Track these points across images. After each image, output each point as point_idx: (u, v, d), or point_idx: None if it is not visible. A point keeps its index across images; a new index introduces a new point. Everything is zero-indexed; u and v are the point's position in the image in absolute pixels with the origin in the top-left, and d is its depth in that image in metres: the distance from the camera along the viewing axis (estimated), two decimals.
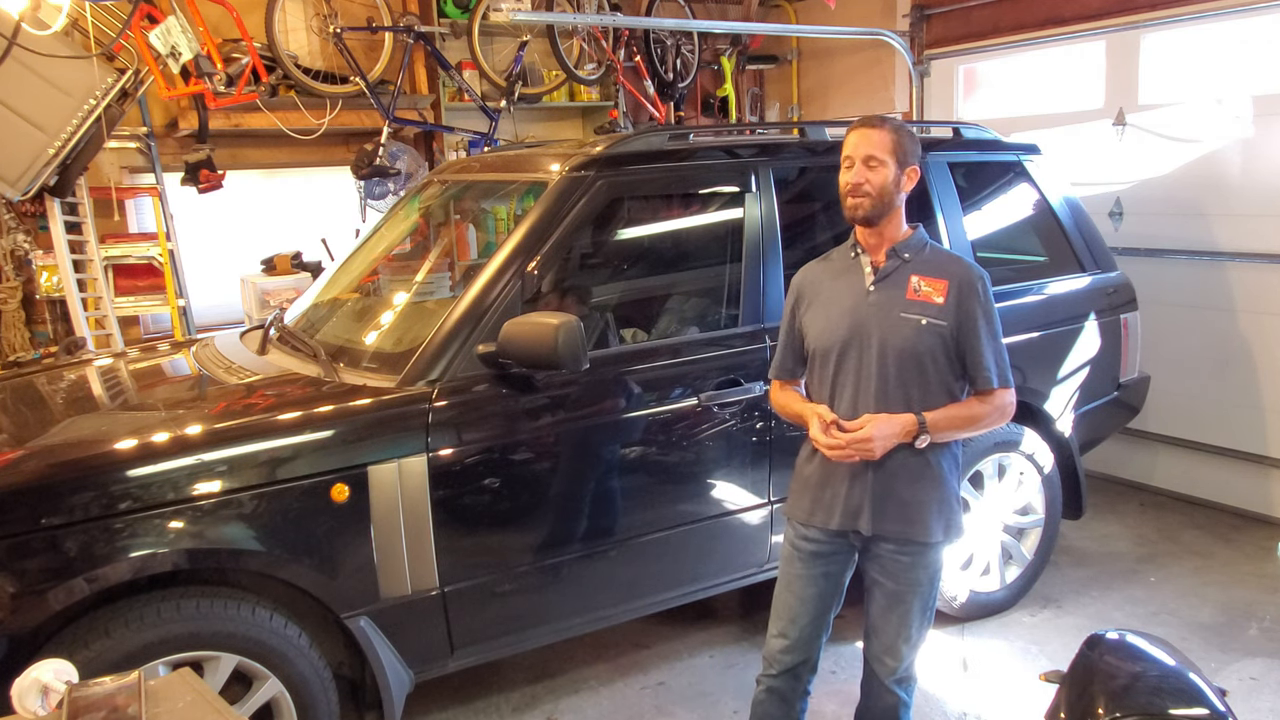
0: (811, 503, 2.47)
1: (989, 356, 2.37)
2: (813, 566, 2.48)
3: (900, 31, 5.95)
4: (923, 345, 2.34)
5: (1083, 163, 5.05)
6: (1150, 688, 1.87)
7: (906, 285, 2.38)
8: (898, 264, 2.40)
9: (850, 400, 2.39)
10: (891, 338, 2.35)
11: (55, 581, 2.26)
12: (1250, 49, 4.51)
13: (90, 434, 2.60)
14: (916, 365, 2.35)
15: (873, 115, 2.42)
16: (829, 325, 2.42)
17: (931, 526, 2.38)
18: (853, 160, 2.36)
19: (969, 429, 2.41)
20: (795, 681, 2.54)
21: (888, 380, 2.35)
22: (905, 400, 2.35)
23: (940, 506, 2.40)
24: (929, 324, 2.34)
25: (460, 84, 5.74)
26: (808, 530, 2.49)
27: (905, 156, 2.36)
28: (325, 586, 2.57)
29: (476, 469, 2.76)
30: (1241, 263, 4.60)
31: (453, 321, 2.81)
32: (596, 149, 3.11)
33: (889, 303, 2.37)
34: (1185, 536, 4.54)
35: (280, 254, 5.37)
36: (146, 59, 4.63)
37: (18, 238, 4.82)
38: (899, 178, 2.36)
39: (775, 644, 2.53)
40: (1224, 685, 2.25)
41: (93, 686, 1.54)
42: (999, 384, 2.38)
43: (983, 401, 2.40)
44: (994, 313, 2.40)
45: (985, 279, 2.41)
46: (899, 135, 2.35)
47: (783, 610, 2.53)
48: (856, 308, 2.40)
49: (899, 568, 2.42)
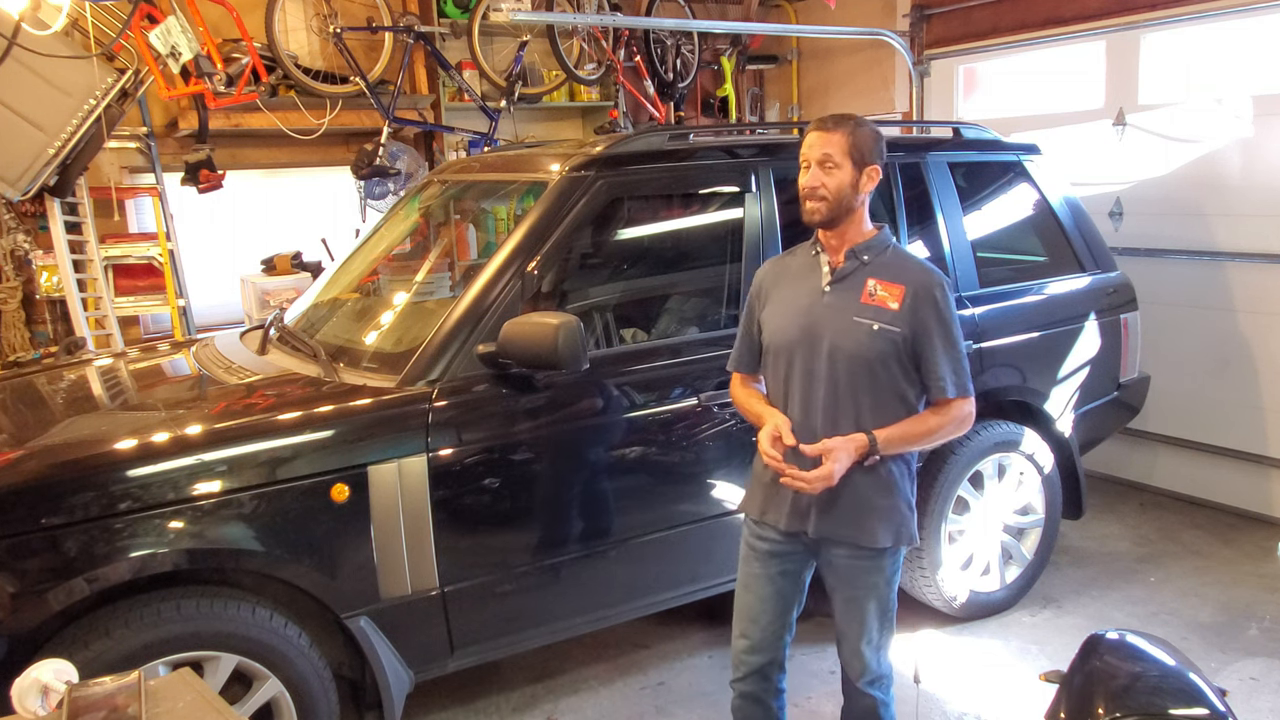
0: (764, 500, 2.44)
1: (945, 366, 2.32)
2: (769, 566, 2.47)
3: (900, 31, 5.95)
4: (873, 351, 2.29)
5: (1083, 163, 5.05)
6: (1150, 688, 1.87)
7: (862, 288, 2.32)
8: (856, 266, 2.35)
9: (800, 402, 2.36)
10: (842, 341, 2.30)
11: (55, 581, 2.26)
12: (1250, 49, 4.51)
13: (90, 434, 2.60)
14: (867, 371, 2.30)
15: (829, 115, 2.35)
16: (783, 324, 2.39)
17: (879, 533, 2.35)
18: (809, 162, 2.30)
19: (923, 443, 2.36)
20: (765, 682, 2.53)
21: (837, 384, 2.31)
22: (855, 405, 2.31)
23: (889, 513, 2.36)
24: (881, 329, 2.29)
25: (460, 84, 5.74)
26: (762, 529, 2.47)
27: (864, 157, 2.29)
28: (325, 586, 2.57)
29: (476, 469, 2.76)
30: (1241, 263, 4.60)
31: (453, 321, 2.81)
32: (596, 149, 3.11)
33: (843, 305, 2.33)
34: (1185, 536, 4.54)
35: (280, 254, 5.37)
36: (146, 59, 4.63)
37: (18, 238, 4.82)
38: (857, 179, 2.30)
39: (739, 645, 2.52)
40: (1224, 685, 2.25)
41: (93, 686, 1.54)
42: (956, 394, 2.33)
43: (938, 413, 2.35)
44: (952, 321, 2.34)
45: (945, 286, 2.35)
46: (855, 135, 2.29)
47: (743, 611, 2.52)
48: (811, 308, 2.36)
49: (852, 572, 2.40)
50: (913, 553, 3.55)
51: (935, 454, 3.51)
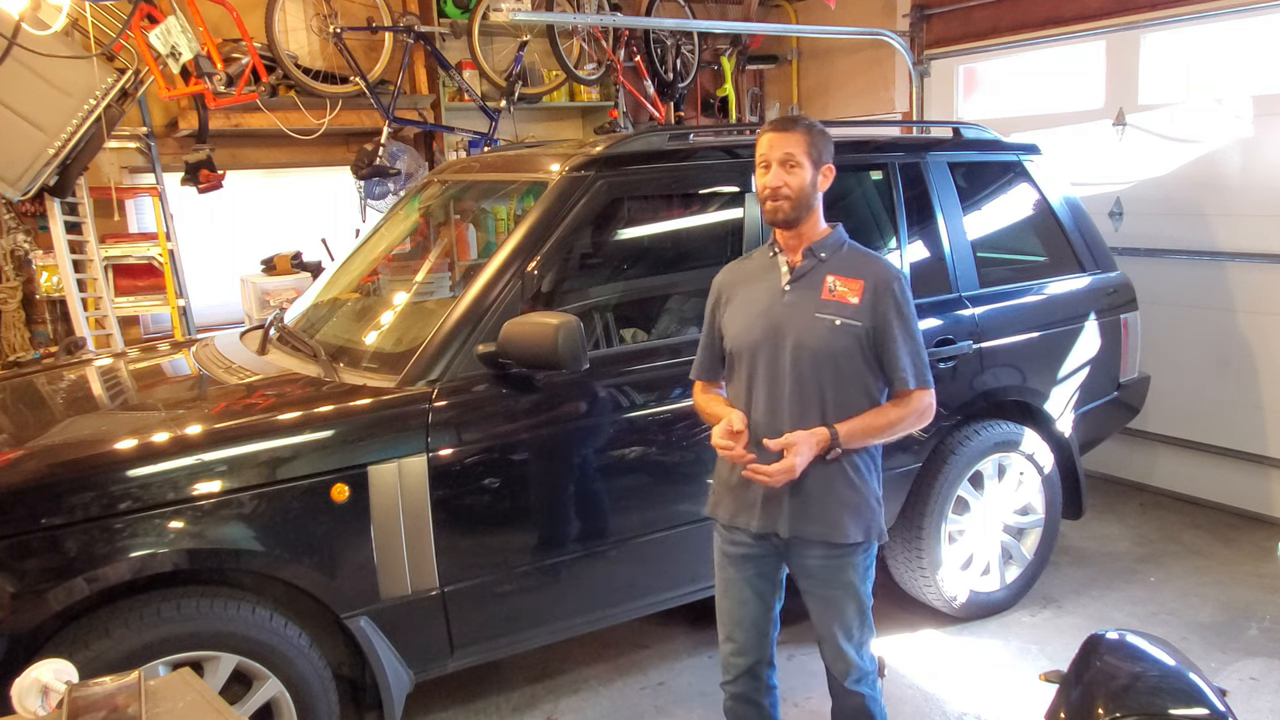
0: (734, 504, 2.46)
1: (905, 358, 2.35)
2: (744, 569, 2.48)
3: (900, 31, 5.95)
4: (837, 346, 2.32)
5: (1083, 163, 5.05)
6: (1150, 688, 1.87)
7: (822, 285, 2.36)
8: (814, 264, 2.38)
9: (766, 402, 2.37)
10: (806, 338, 2.33)
11: (55, 581, 2.26)
12: (1250, 49, 4.51)
13: (90, 434, 2.60)
14: (832, 366, 2.32)
15: (784, 116, 2.39)
16: (745, 326, 2.41)
17: (850, 528, 2.36)
18: (769, 162, 2.33)
19: (885, 435, 2.38)
20: (755, 681, 2.54)
21: (803, 381, 2.33)
22: (820, 402, 2.33)
23: (859, 508, 2.38)
24: (843, 324, 2.32)
25: (460, 84, 5.73)
26: (733, 534, 2.48)
27: (820, 156, 2.34)
28: (325, 586, 2.57)
29: (476, 469, 2.76)
30: (1241, 263, 4.60)
31: (453, 321, 2.81)
32: (596, 149, 3.10)
33: (804, 303, 2.35)
34: (1185, 536, 4.54)
35: (280, 254, 5.37)
36: (146, 59, 4.63)
37: (18, 238, 4.82)
38: (815, 178, 2.34)
39: (726, 649, 2.54)
40: (1224, 685, 2.25)
41: (93, 686, 1.54)
42: (916, 385, 2.36)
43: (899, 405, 2.37)
44: (911, 313, 2.38)
45: (902, 279, 2.39)
46: (813, 135, 2.34)
47: (726, 616, 2.54)
48: (772, 308, 2.38)
49: (826, 571, 2.40)
50: (913, 553, 3.56)
51: (935, 454, 3.51)
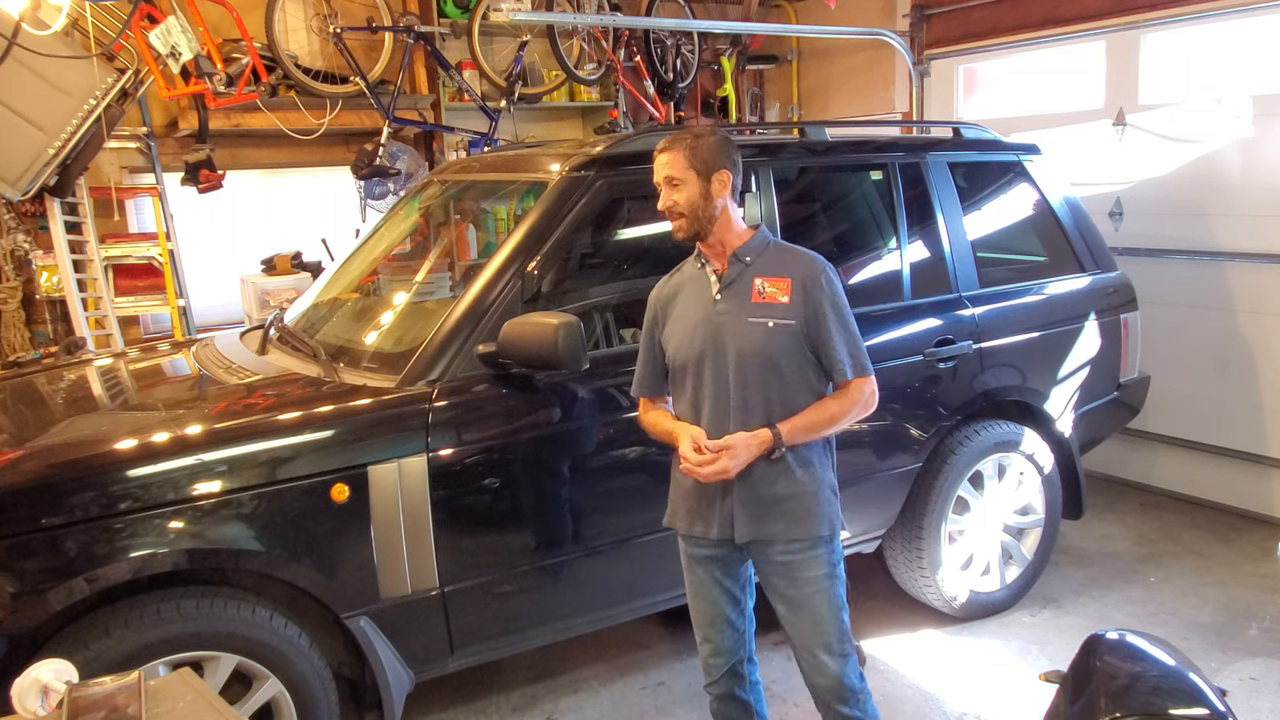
0: (689, 513, 2.46)
1: (841, 349, 2.35)
2: (710, 570, 2.49)
3: (900, 31, 5.95)
4: (774, 347, 2.32)
5: (1083, 163, 5.05)
6: (1150, 688, 1.87)
7: (751, 289, 2.36)
8: (740, 269, 2.38)
9: (711, 412, 2.37)
10: (744, 345, 2.33)
11: (55, 581, 2.26)
12: (1250, 49, 4.51)
13: (90, 434, 2.60)
14: (773, 368, 2.33)
15: (666, 135, 2.41)
16: (685, 339, 2.41)
17: (806, 522, 2.36)
18: (659, 185, 2.37)
19: (829, 428, 2.38)
20: (736, 678, 2.56)
21: (746, 387, 2.33)
22: (766, 405, 2.33)
23: (814, 500, 2.38)
24: (777, 325, 2.32)
25: (460, 84, 5.73)
26: (693, 541, 2.49)
27: (706, 165, 2.33)
28: (325, 586, 2.57)
29: (476, 469, 2.76)
30: (1241, 263, 4.60)
31: (453, 321, 2.81)
32: (596, 149, 3.11)
33: (736, 310, 2.35)
34: (1185, 536, 4.54)
35: (280, 254, 5.37)
36: (146, 59, 4.63)
37: (18, 238, 4.82)
38: (706, 188, 2.34)
39: (704, 651, 2.56)
40: (1224, 685, 2.25)
41: (93, 686, 1.54)
42: (854, 374, 2.36)
43: (839, 398, 2.38)
44: (842, 303, 2.38)
45: (829, 270, 2.39)
46: (692, 148, 2.33)
47: (700, 618, 2.55)
48: (708, 319, 2.38)
49: (790, 568, 2.39)
50: (913, 553, 3.56)
51: (935, 454, 3.51)
